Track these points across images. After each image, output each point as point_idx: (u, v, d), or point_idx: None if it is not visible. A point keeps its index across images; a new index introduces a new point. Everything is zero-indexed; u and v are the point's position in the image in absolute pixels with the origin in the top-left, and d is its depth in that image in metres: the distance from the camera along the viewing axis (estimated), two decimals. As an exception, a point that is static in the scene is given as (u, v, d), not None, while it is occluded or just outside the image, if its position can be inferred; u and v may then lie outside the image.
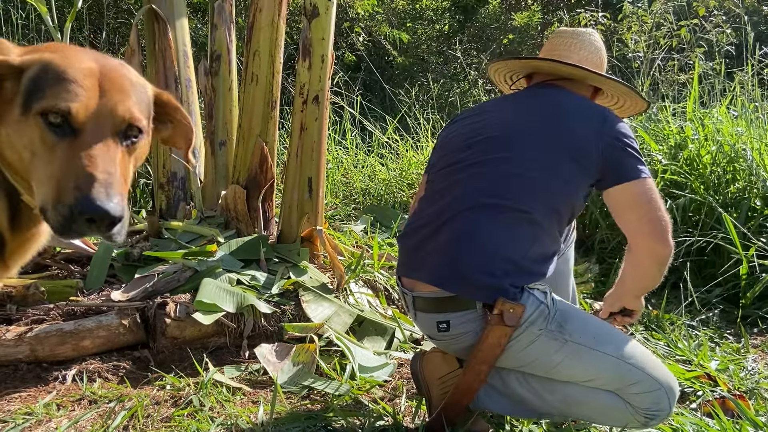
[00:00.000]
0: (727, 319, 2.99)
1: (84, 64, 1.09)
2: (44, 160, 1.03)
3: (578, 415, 1.75)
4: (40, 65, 1.07)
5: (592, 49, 1.96)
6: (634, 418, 1.66)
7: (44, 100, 1.04)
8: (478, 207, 1.70)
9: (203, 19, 6.88)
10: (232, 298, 2.37)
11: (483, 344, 1.65)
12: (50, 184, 1.02)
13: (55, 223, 1.02)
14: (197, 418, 1.86)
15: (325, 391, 2.08)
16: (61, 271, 2.68)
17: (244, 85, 2.97)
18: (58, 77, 1.05)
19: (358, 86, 6.30)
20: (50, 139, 1.04)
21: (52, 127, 1.04)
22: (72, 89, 1.05)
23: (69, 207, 0.99)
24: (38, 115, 1.03)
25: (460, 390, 1.75)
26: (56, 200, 1.01)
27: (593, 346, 1.64)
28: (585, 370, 1.65)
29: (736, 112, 4.00)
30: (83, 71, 1.08)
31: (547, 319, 1.64)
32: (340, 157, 5.12)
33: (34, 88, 1.05)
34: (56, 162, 1.03)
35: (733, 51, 5.26)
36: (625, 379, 1.63)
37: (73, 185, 1.00)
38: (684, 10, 5.41)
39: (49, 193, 1.02)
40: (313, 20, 2.78)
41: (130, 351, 2.29)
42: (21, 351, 2.14)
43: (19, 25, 5.73)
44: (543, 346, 1.65)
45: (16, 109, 1.05)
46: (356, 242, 3.33)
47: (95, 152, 1.04)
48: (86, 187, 0.99)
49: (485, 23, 7.94)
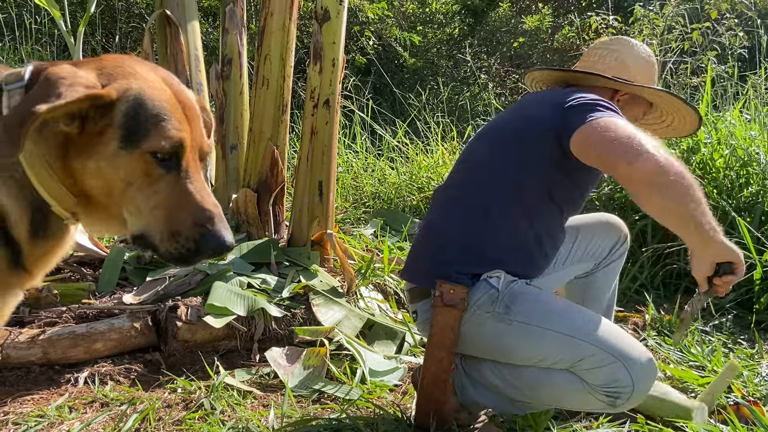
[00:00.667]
0: (741, 325, 2.95)
1: (165, 92, 1.14)
2: (147, 191, 1.11)
3: (548, 401, 1.72)
4: (132, 99, 1.10)
5: (613, 57, 1.97)
6: (596, 399, 1.59)
7: (152, 138, 1.10)
8: (443, 203, 1.87)
9: (215, 24, 6.92)
10: (242, 301, 2.37)
11: (434, 327, 1.72)
12: (159, 215, 1.12)
13: (174, 252, 1.12)
14: (208, 422, 1.86)
15: (335, 395, 2.08)
16: (74, 274, 2.70)
17: (255, 89, 2.98)
18: (156, 114, 1.11)
19: (369, 90, 6.31)
20: (157, 173, 1.11)
21: (160, 163, 1.11)
22: (174, 126, 1.12)
23: (195, 242, 1.11)
24: (147, 153, 1.10)
25: (427, 380, 1.76)
26: (174, 233, 1.12)
27: (539, 324, 1.64)
28: (534, 350, 1.65)
29: (749, 115, 3.97)
30: (171, 103, 1.14)
31: (495, 302, 1.67)
32: (351, 160, 5.13)
33: (134, 124, 1.09)
34: (163, 194, 1.12)
35: (745, 54, 5.22)
36: (574, 355, 1.59)
37: (193, 221, 1.12)
38: (696, 12, 5.38)
39: (159, 224, 1.12)
40: (324, 24, 2.79)
41: (141, 354, 2.29)
42: (33, 353, 2.15)
43: (32, 30, 5.78)
44: (492, 329, 1.68)
45: (113, 143, 1.09)
46: (366, 246, 3.33)
47: (199, 185, 1.15)
48: (209, 224, 1.12)
49: (495, 27, 7.93)
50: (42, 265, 1.21)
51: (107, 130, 1.10)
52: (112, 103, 1.09)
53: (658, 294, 3.27)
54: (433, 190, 2.08)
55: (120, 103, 1.10)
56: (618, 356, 1.56)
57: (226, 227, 1.14)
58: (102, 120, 1.10)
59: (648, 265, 3.39)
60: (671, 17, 5.16)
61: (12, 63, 5.28)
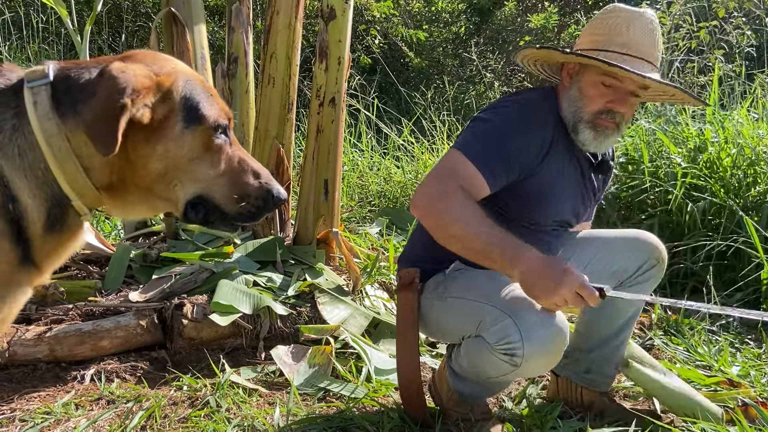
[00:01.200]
0: (748, 324, 2.94)
1: (200, 77, 1.27)
2: (209, 163, 1.23)
3: (485, 374, 1.72)
4: (184, 84, 1.21)
5: (586, 30, 1.84)
6: (499, 360, 1.60)
7: (212, 115, 1.22)
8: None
9: (221, 22, 6.93)
10: (248, 299, 2.37)
11: (398, 309, 1.87)
12: (225, 182, 1.24)
13: (245, 213, 1.26)
14: (214, 419, 1.86)
15: (340, 393, 2.08)
16: (80, 272, 2.71)
17: (261, 87, 2.98)
18: (207, 93, 1.23)
19: (374, 88, 6.31)
20: (216, 145, 1.23)
21: (218, 136, 1.23)
22: (219, 102, 1.26)
23: (263, 199, 1.26)
24: (210, 128, 1.21)
25: (401, 364, 1.85)
26: (243, 195, 1.25)
27: (459, 296, 1.74)
28: (457, 321, 1.74)
29: (756, 114, 3.95)
30: (207, 84, 1.26)
31: (438, 285, 1.81)
32: (356, 159, 5.12)
33: (192, 105, 1.20)
34: (224, 163, 1.24)
35: (753, 52, 5.20)
36: (476, 318, 1.66)
37: (258, 183, 1.26)
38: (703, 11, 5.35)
39: (224, 190, 1.24)
40: (329, 22, 2.79)
41: (147, 351, 2.30)
42: (40, 351, 2.16)
43: (39, 29, 5.80)
44: (437, 309, 1.80)
45: (178, 125, 1.19)
46: (372, 245, 3.33)
47: (245, 151, 1.29)
48: (272, 184, 1.28)
49: (501, 25, 7.90)
50: (52, 260, 1.22)
51: (171, 114, 1.18)
52: (169, 90, 1.18)
53: (665, 293, 3.25)
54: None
55: (175, 88, 1.19)
56: (509, 313, 1.60)
57: (277, 183, 1.29)
58: (163, 106, 1.17)
59: (654, 265, 3.37)
60: (678, 16, 5.13)
61: (19, 62, 5.30)
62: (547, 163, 1.77)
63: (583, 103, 1.76)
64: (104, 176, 1.19)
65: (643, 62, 1.71)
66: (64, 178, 1.15)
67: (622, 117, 1.76)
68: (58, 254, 1.22)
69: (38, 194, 1.14)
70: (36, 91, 1.13)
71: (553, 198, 1.83)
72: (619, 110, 1.74)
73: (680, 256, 3.32)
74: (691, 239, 3.33)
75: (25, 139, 1.12)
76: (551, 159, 1.78)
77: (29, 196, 1.13)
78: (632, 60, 1.70)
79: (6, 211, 1.12)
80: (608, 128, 1.76)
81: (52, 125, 1.12)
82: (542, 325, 1.57)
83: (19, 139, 1.12)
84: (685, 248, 3.28)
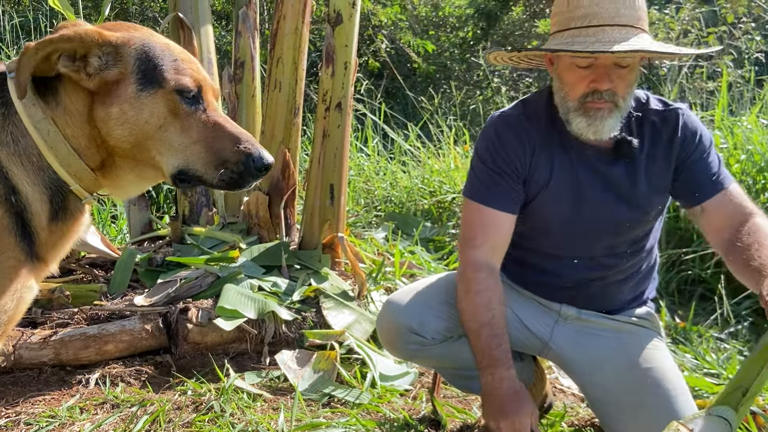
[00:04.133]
0: (757, 332, 2.91)
1: (172, 44, 1.23)
2: (179, 129, 1.19)
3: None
4: (140, 44, 1.18)
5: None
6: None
7: (173, 78, 1.17)
8: None
9: (227, 27, 6.96)
10: (253, 304, 2.37)
11: None
12: (200, 149, 1.20)
13: (226, 179, 1.21)
14: (218, 424, 1.86)
15: (345, 399, 2.07)
16: (86, 276, 2.71)
17: (268, 92, 2.98)
18: (169, 56, 1.19)
19: (381, 93, 6.30)
20: (185, 111, 1.19)
21: (186, 101, 1.18)
22: (189, 67, 1.20)
23: (243, 164, 1.20)
24: (174, 92, 1.17)
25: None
26: (220, 162, 1.20)
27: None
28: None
29: (766, 120, 3.92)
30: (180, 51, 1.22)
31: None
32: (362, 164, 5.12)
33: (149, 67, 1.16)
34: (197, 129, 1.20)
35: (762, 58, 5.17)
36: None
37: (236, 148, 1.20)
38: (712, 16, 5.33)
39: (201, 157, 1.20)
40: (336, 27, 2.79)
41: (152, 356, 2.30)
42: (45, 354, 2.16)
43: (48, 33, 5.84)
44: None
45: (131, 87, 1.16)
46: (377, 250, 3.32)
47: (225, 118, 1.24)
48: (252, 148, 1.21)
49: (508, 30, 7.90)
50: (57, 251, 1.22)
51: (123, 77, 1.16)
52: (119, 51, 1.16)
53: (672, 300, 3.23)
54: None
55: (128, 49, 1.17)
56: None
57: (262, 147, 1.23)
58: (115, 67, 1.16)
59: (662, 271, 3.35)
60: (687, 21, 5.11)
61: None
62: (539, 171, 1.70)
63: (566, 92, 1.63)
64: (93, 153, 1.19)
65: (614, 28, 1.53)
66: (58, 162, 1.16)
67: (614, 93, 1.57)
68: (63, 244, 1.22)
69: (37, 182, 1.15)
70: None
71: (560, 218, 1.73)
72: (603, 88, 1.56)
73: (688, 263, 3.30)
74: (699, 246, 3.30)
75: (16, 126, 1.14)
76: (553, 174, 1.69)
77: (28, 184, 1.14)
78: (597, 30, 1.54)
79: (9, 204, 1.12)
80: (601, 109, 1.58)
81: (37, 111, 1.15)
82: (385, 307, 1.84)
83: (10, 126, 1.14)
84: (693, 255, 3.25)
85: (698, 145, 1.68)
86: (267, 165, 1.22)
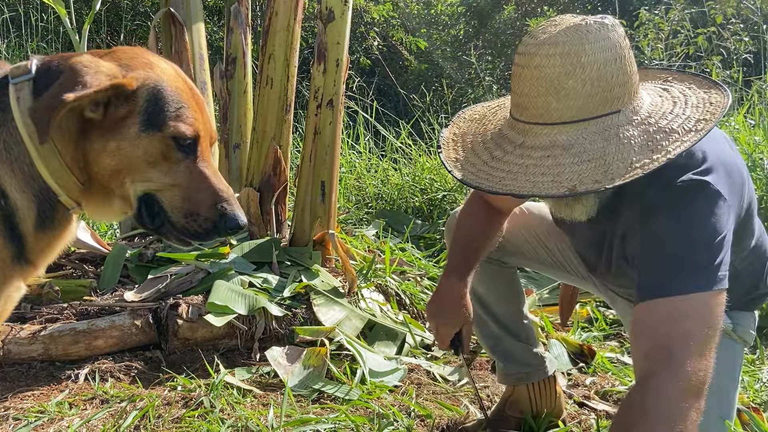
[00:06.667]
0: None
1: (180, 82, 1.23)
2: (165, 170, 1.20)
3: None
4: (152, 87, 1.19)
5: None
6: None
7: (173, 125, 1.18)
8: None
9: (219, 23, 6.94)
10: (243, 300, 2.37)
11: None
12: (177, 194, 1.21)
13: (191, 230, 1.22)
14: (208, 420, 1.86)
15: (335, 395, 2.08)
16: (75, 271, 2.70)
17: (259, 88, 2.98)
18: (175, 102, 1.19)
19: (372, 91, 6.31)
20: (176, 157, 1.20)
21: (180, 147, 1.20)
22: (191, 114, 1.21)
23: (213, 222, 1.21)
24: (170, 137, 1.18)
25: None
26: (192, 212, 1.21)
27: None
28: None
29: (753, 120, 3.95)
30: (186, 92, 1.22)
31: None
32: (353, 161, 5.12)
33: (155, 111, 1.18)
34: (181, 175, 1.21)
35: (751, 59, 5.21)
36: None
37: (212, 202, 1.21)
38: (701, 17, 5.37)
39: (175, 201, 1.21)
40: (328, 24, 2.79)
41: (142, 351, 2.30)
42: (35, 349, 2.16)
43: (38, 27, 5.80)
44: None
45: (134, 127, 1.17)
46: (368, 247, 3.33)
47: (213, 170, 1.24)
48: (228, 208, 1.22)
49: (500, 29, 7.92)
50: (46, 255, 1.23)
51: (130, 115, 1.17)
52: (133, 91, 1.16)
53: None
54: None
55: (141, 91, 1.17)
56: None
57: (239, 208, 1.23)
58: (125, 106, 1.16)
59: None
60: (676, 22, 5.15)
61: (18, 59, 5.30)
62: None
63: None
64: (76, 171, 1.19)
65: (544, 127, 1.31)
66: (49, 173, 1.16)
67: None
68: (52, 249, 1.23)
69: (26, 189, 1.16)
70: (19, 86, 1.15)
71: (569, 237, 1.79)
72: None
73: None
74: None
75: (11, 134, 1.14)
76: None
77: (17, 191, 1.15)
78: (527, 129, 1.33)
79: None
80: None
81: None
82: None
83: (4, 134, 1.14)
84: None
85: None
86: (239, 227, 1.23)
